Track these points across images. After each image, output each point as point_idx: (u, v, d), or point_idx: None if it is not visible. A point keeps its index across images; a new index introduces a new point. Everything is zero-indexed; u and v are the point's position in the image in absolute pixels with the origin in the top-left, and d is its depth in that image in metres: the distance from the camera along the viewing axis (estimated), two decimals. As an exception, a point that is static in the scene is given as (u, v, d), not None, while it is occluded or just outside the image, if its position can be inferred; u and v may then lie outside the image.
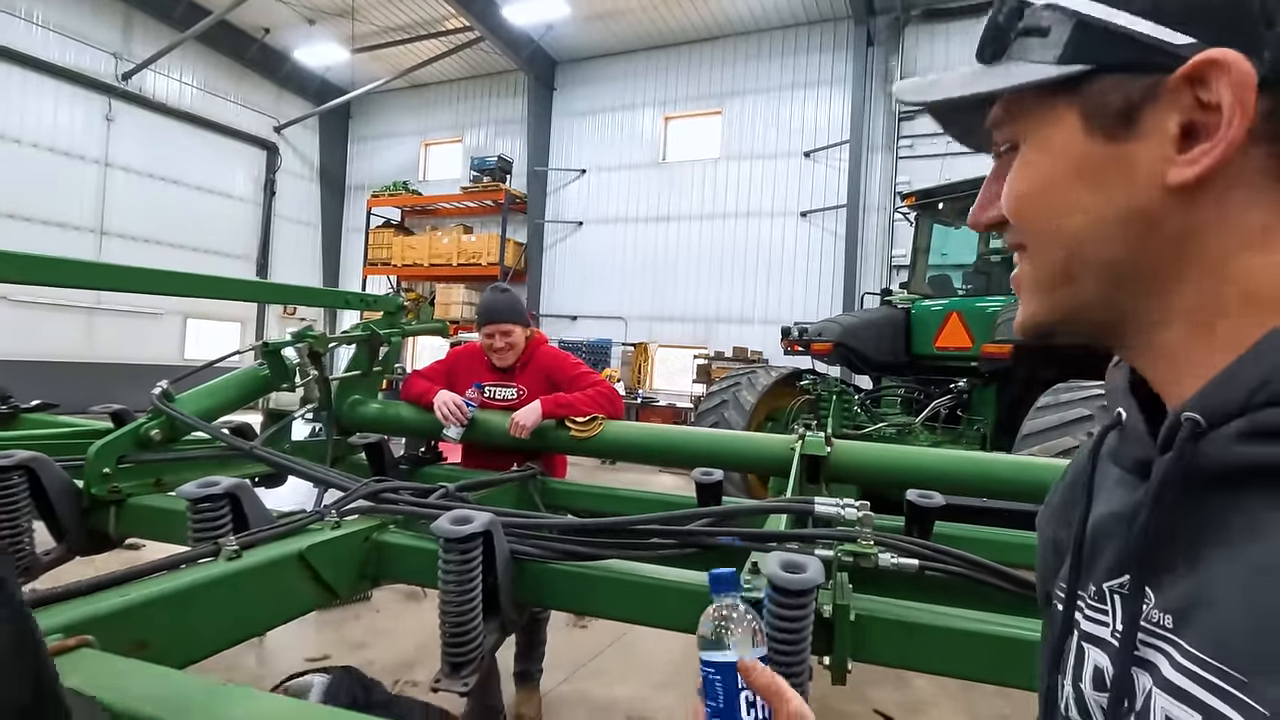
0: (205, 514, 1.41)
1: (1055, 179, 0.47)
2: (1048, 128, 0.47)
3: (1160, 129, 0.41)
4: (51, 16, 12.33)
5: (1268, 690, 0.31)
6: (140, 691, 0.77)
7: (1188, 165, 0.40)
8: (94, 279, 2.34)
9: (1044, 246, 0.48)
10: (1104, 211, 0.44)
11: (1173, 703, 0.38)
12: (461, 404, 2.36)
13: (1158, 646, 0.40)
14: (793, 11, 12.55)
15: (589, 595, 1.38)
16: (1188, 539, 0.40)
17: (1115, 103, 0.43)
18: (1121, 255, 0.44)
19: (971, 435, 5.09)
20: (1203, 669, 0.36)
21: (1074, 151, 0.45)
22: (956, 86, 0.50)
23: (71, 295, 12.11)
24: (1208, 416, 0.39)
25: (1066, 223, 0.46)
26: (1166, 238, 0.43)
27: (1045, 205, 0.48)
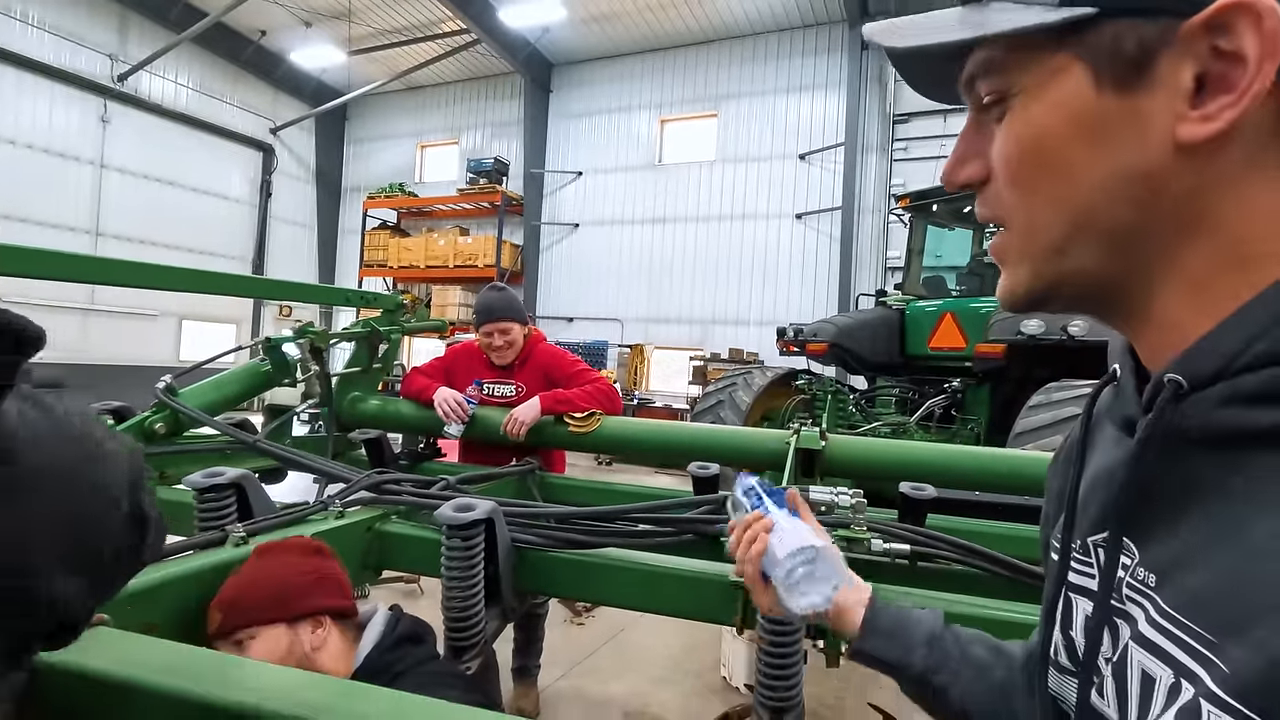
0: (211, 503, 1.43)
1: (1059, 135, 0.43)
2: (1048, 78, 0.43)
3: (1172, 80, 0.38)
4: (47, 18, 12.31)
5: (1233, 651, 0.32)
6: (159, 663, 0.79)
7: (1203, 121, 0.38)
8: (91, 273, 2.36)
9: (1039, 210, 0.44)
10: (1111, 172, 0.41)
11: (1146, 655, 0.39)
12: (462, 401, 2.39)
13: (1138, 601, 0.41)
14: (787, 15, 12.62)
15: (588, 582, 1.41)
16: (1170, 499, 0.41)
17: (1128, 50, 0.39)
18: (1127, 219, 0.41)
19: (965, 434, 5.13)
20: (1175, 626, 0.37)
21: (1080, 105, 0.41)
22: (938, 30, 0.46)
23: (65, 296, 12.07)
24: (1190, 379, 0.39)
25: (1066, 186, 0.43)
26: (1174, 198, 0.40)
27: (1046, 164, 0.43)
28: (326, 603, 1.24)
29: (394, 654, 1.25)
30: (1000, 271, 0.49)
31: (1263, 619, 0.32)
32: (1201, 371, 0.39)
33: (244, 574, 1.18)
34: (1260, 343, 0.37)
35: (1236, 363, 0.37)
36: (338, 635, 1.25)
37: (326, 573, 1.26)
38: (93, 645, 0.85)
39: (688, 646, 3.77)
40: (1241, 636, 0.32)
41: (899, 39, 0.47)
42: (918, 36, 0.46)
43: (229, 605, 1.14)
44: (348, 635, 1.28)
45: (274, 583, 1.17)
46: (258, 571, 1.18)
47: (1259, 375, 0.36)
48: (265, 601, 1.16)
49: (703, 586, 1.31)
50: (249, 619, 1.16)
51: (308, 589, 1.22)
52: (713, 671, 3.51)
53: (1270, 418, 0.35)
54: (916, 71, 0.53)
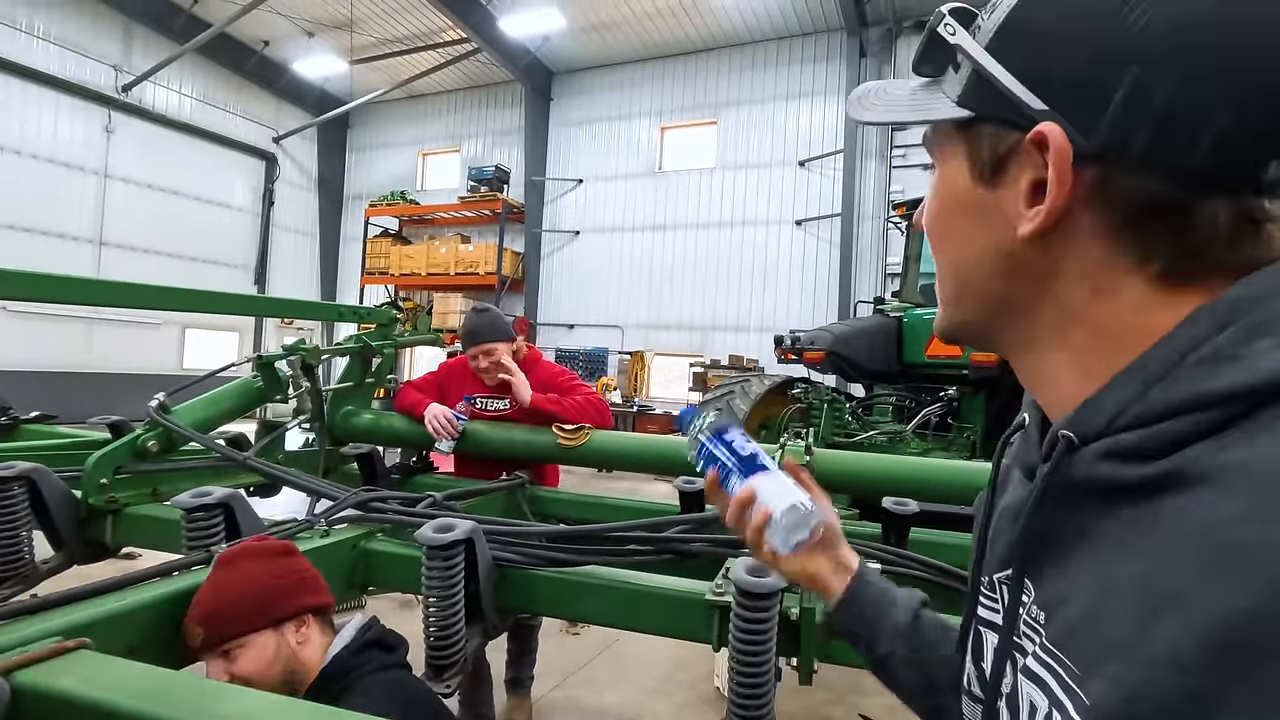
0: (199, 523, 1.45)
1: (949, 209, 0.52)
2: (949, 160, 0.51)
3: (1018, 181, 0.45)
4: (52, 29, 12.44)
5: (1093, 684, 0.35)
6: (135, 689, 0.81)
7: (1028, 221, 0.45)
8: (94, 296, 2.40)
9: (942, 268, 0.54)
10: (981, 247, 0.49)
11: (1032, 686, 0.42)
12: (452, 417, 2.41)
13: (1030, 636, 0.45)
14: (786, 23, 12.68)
15: (570, 600, 1.43)
16: (1061, 542, 0.44)
17: (987, 151, 0.47)
18: (995, 287, 0.49)
19: (961, 443, 5.14)
20: (1052, 659, 0.40)
21: (960, 188, 0.50)
22: (892, 110, 0.55)
23: (70, 306, 12.16)
24: (1079, 435, 0.43)
25: (956, 252, 0.52)
26: (1028, 277, 0.47)
27: (940, 231, 0.53)
28: (309, 602, 1.28)
29: (360, 657, 1.30)
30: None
31: (1118, 655, 0.34)
32: (1089, 429, 0.42)
33: (215, 586, 1.18)
34: (1135, 406, 0.40)
35: (1116, 422, 0.41)
36: (318, 630, 1.31)
37: (302, 572, 1.29)
38: (73, 668, 0.87)
39: (681, 657, 3.78)
40: (1100, 670, 0.35)
41: (859, 111, 0.56)
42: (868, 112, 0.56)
43: (209, 619, 1.15)
44: (326, 629, 1.34)
45: (254, 591, 1.19)
46: (231, 581, 1.19)
47: (1132, 435, 0.40)
48: (249, 611, 1.18)
49: (682, 605, 1.33)
50: (237, 630, 1.18)
51: (289, 591, 1.25)
52: (706, 682, 3.52)
53: (1139, 472, 0.39)
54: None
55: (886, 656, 0.74)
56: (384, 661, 1.32)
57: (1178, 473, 0.37)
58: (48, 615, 1.00)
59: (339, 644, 1.33)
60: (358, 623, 1.39)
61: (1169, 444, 0.38)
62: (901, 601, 0.76)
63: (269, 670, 1.21)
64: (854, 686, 3.33)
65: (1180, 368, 0.39)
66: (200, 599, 1.16)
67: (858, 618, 0.76)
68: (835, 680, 3.35)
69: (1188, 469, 0.36)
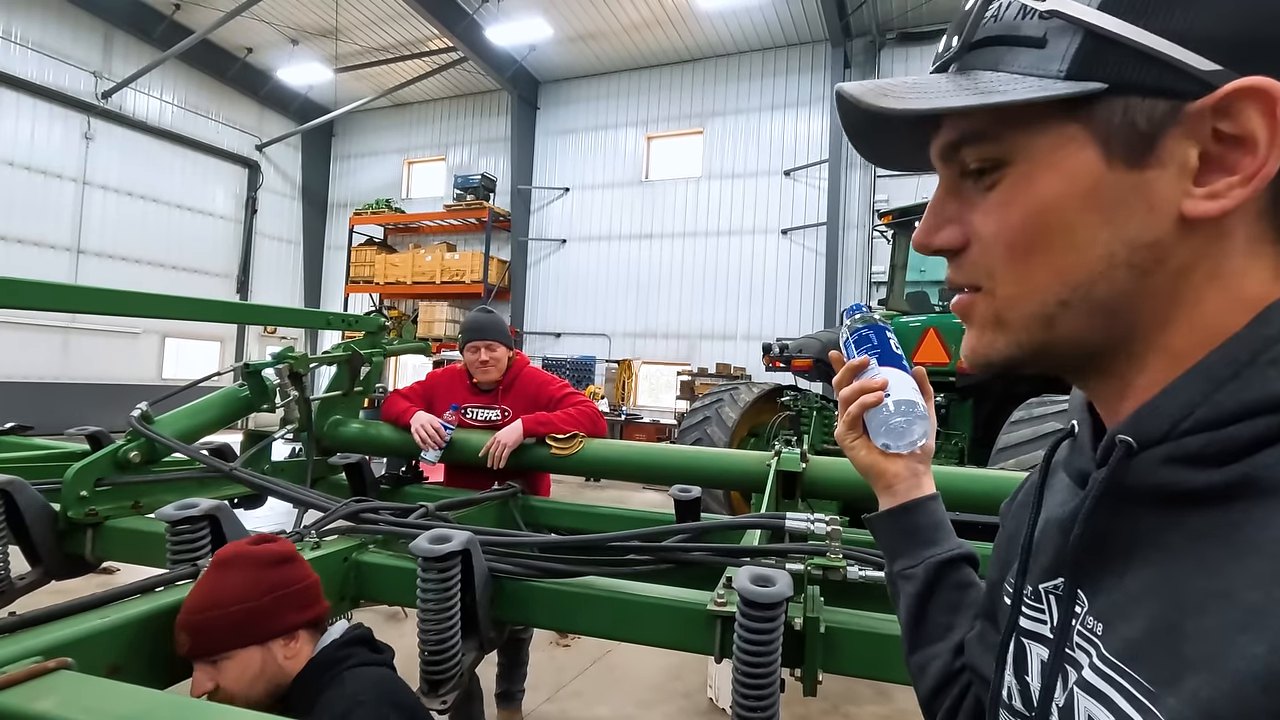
0: (184, 536, 1.41)
1: (1068, 205, 0.42)
2: (1054, 148, 0.42)
3: (1179, 157, 0.39)
4: (31, 35, 12.26)
5: (1169, 700, 0.34)
6: (117, 712, 0.78)
7: (1209, 199, 0.39)
8: (71, 302, 2.33)
9: (1036, 278, 0.44)
10: (1115, 243, 0.41)
11: (1091, 701, 0.40)
12: (439, 426, 2.37)
13: (1084, 648, 0.43)
14: (771, 34, 12.80)
15: (567, 612, 1.40)
16: (1118, 551, 0.42)
17: (1138, 125, 0.40)
18: (1125, 288, 0.42)
19: (949, 449, 5.16)
20: (1116, 673, 0.38)
21: (1091, 177, 0.41)
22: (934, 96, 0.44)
23: (47, 315, 11.92)
24: (1139, 439, 0.40)
25: (1070, 257, 0.43)
26: (1171, 272, 0.41)
27: (1052, 234, 0.43)
28: (298, 620, 1.24)
29: (345, 650, 1.28)
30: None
31: (1195, 671, 0.33)
32: (1150, 433, 0.40)
33: (205, 593, 1.15)
34: (1202, 408, 0.38)
35: (1180, 426, 0.39)
36: (307, 642, 1.27)
37: (294, 586, 1.24)
38: (53, 690, 0.83)
39: (674, 669, 3.75)
40: (1177, 687, 0.34)
41: (893, 100, 0.45)
42: (914, 100, 0.45)
43: (196, 630, 1.12)
44: (315, 637, 1.31)
45: (241, 607, 1.15)
46: (224, 591, 1.16)
47: (1198, 438, 0.38)
48: (235, 628, 1.15)
49: (682, 616, 1.31)
50: (222, 645, 1.15)
51: (276, 609, 1.21)
52: (699, 693, 3.48)
53: (1205, 478, 0.37)
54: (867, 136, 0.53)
55: (898, 574, 0.74)
56: (370, 658, 1.29)
57: (1251, 479, 0.35)
58: (27, 634, 0.95)
59: (327, 639, 1.30)
60: (344, 625, 1.36)
61: (1239, 449, 0.36)
62: (947, 543, 0.74)
63: (252, 686, 1.18)
64: (850, 696, 3.31)
65: (1251, 367, 0.37)
66: (191, 604, 1.13)
67: (895, 532, 0.75)
68: (831, 690, 3.33)
69: (1260, 475, 0.35)
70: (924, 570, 0.72)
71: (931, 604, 0.71)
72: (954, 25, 0.48)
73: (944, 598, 0.71)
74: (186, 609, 1.13)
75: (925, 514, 0.75)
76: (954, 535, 0.75)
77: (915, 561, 0.73)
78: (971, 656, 0.65)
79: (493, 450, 2.30)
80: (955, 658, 0.69)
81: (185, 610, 1.13)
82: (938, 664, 0.69)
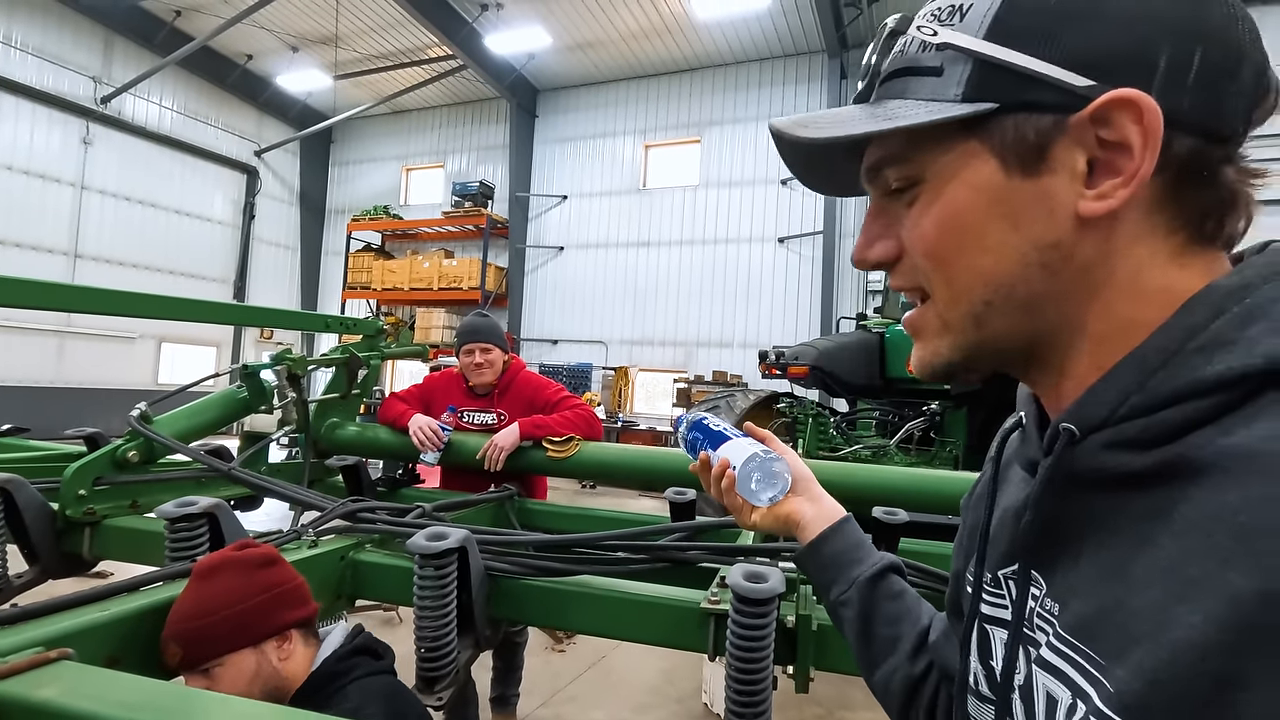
0: (183, 533, 1.42)
1: (973, 215, 0.46)
2: (958, 163, 0.46)
3: (1068, 164, 0.43)
4: (31, 40, 12.30)
5: (1117, 671, 0.36)
6: (120, 699, 0.79)
7: (1099, 199, 0.42)
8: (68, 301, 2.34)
9: (960, 281, 0.48)
10: (1024, 245, 0.45)
11: (1048, 677, 0.42)
12: (437, 428, 2.38)
13: (1042, 628, 0.45)
14: (769, 45, 12.90)
15: (563, 610, 1.41)
16: (1071, 534, 0.44)
17: (1028, 138, 0.44)
18: (1040, 286, 0.45)
19: (944, 456, 5.18)
20: (1071, 649, 0.41)
21: (993, 187, 0.45)
22: (846, 124, 0.49)
23: (41, 318, 11.92)
24: (1080, 426, 0.43)
25: (985, 260, 0.46)
26: (1078, 268, 0.45)
27: (966, 240, 0.47)
28: (290, 617, 1.23)
29: (348, 662, 1.27)
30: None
31: (1140, 643, 0.35)
32: (1091, 419, 0.43)
33: (193, 600, 1.14)
34: (1136, 395, 0.41)
35: (1117, 412, 0.42)
36: (301, 643, 1.27)
37: (284, 585, 1.24)
38: (55, 679, 0.84)
39: (669, 673, 3.75)
40: (1124, 658, 0.36)
41: (812, 131, 0.50)
42: (829, 130, 0.50)
43: (187, 639, 1.10)
44: (311, 640, 1.30)
45: (233, 609, 1.15)
46: (210, 597, 1.14)
47: (1135, 424, 0.41)
48: (228, 631, 1.14)
49: (676, 614, 1.32)
50: (214, 651, 1.14)
51: (269, 609, 1.20)
52: (694, 698, 3.48)
53: (1142, 461, 0.40)
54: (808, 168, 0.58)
55: (836, 602, 0.78)
56: (374, 667, 1.30)
57: (1183, 460, 0.37)
58: (28, 626, 0.96)
59: (327, 649, 1.30)
60: (344, 629, 1.36)
61: (1172, 431, 0.39)
62: (869, 560, 0.78)
63: (249, 689, 1.18)
64: (844, 701, 3.32)
65: (1179, 355, 0.40)
66: (177, 614, 1.11)
67: (820, 564, 0.79)
68: (826, 695, 3.34)
69: (1192, 456, 0.37)
70: (856, 592, 0.75)
71: (873, 622, 0.74)
72: (863, 64, 0.53)
73: (882, 611, 0.74)
74: (175, 620, 1.11)
75: (841, 538, 0.80)
76: (874, 550, 0.79)
77: (847, 585, 0.76)
78: (940, 655, 0.67)
79: (490, 453, 2.31)
80: (913, 666, 0.71)
81: (174, 621, 1.10)
82: (899, 676, 0.72)
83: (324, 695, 1.21)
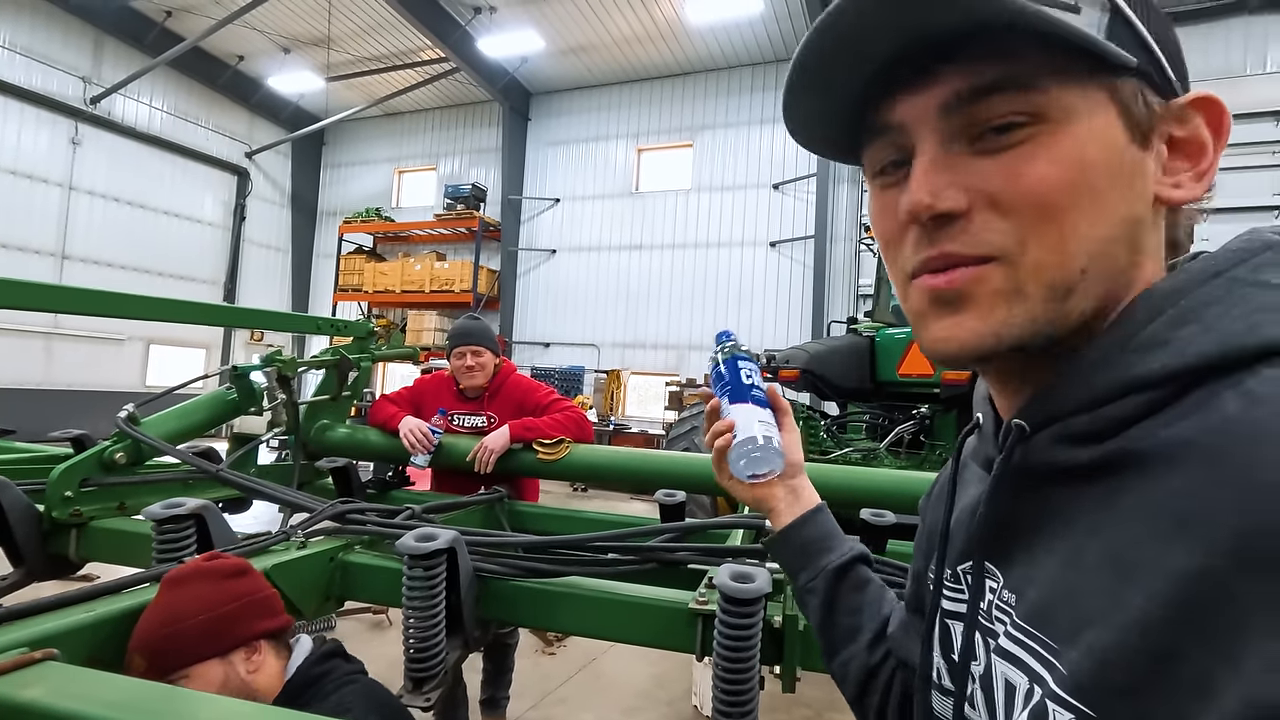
0: (170, 534, 1.42)
1: (1099, 171, 0.42)
2: (1092, 113, 0.42)
3: (1156, 148, 0.44)
4: (19, 40, 12.19)
5: (1070, 654, 0.38)
6: (106, 699, 0.79)
7: (1175, 188, 0.43)
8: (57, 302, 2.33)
9: (1067, 246, 0.42)
10: (1123, 215, 0.43)
11: (1007, 665, 0.44)
12: (427, 431, 2.38)
13: (1000, 620, 0.46)
14: (761, 50, 12.95)
15: (552, 611, 1.41)
16: (1026, 527, 0.46)
17: (1144, 110, 0.43)
18: (1123, 262, 0.44)
19: (934, 460, 5.21)
20: (1026, 637, 0.42)
21: (1118, 147, 0.42)
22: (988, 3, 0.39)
23: (28, 320, 11.80)
24: (1031, 423, 0.45)
25: (1101, 220, 0.42)
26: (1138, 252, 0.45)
27: (1083, 198, 0.41)
28: (259, 627, 1.21)
29: (324, 665, 1.27)
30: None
31: (1090, 625, 0.37)
32: (1039, 417, 0.45)
33: (160, 610, 1.11)
34: (1082, 391, 0.43)
35: (1064, 409, 0.44)
36: (272, 656, 1.24)
37: (253, 595, 1.22)
38: (41, 679, 0.84)
39: (658, 676, 3.75)
40: (1076, 641, 0.37)
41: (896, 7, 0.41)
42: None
43: (152, 650, 1.08)
44: (281, 653, 1.28)
45: (199, 618, 1.12)
46: (176, 606, 1.12)
47: (1080, 419, 0.42)
48: (194, 640, 1.11)
49: (664, 615, 1.33)
50: (180, 661, 1.11)
51: (236, 618, 1.17)
52: (684, 700, 3.49)
53: (1088, 454, 0.41)
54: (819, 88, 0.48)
55: (803, 589, 0.79)
56: (349, 670, 1.29)
57: (1126, 452, 0.39)
58: (12, 626, 0.96)
59: (299, 656, 1.30)
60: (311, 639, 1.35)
61: (1115, 425, 0.40)
62: (839, 549, 0.79)
63: None
64: (832, 703, 3.32)
65: (1120, 354, 0.42)
66: (143, 625, 1.09)
67: (790, 550, 0.81)
68: (814, 697, 3.35)
69: (1135, 448, 0.39)
70: (823, 580, 0.77)
71: (835, 610, 0.76)
72: None
73: (845, 601, 0.76)
74: (141, 631, 1.08)
75: (814, 526, 0.81)
76: (845, 540, 0.81)
77: (815, 573, 0.78)
78: (899, 648, 0.69)
79: (480, 455, 2.31)
80: (870, 655, 0.73)
81: (140, 632, 1.08)
82: (856, 664, 0.74)
83: (309, 697, 1.21)
